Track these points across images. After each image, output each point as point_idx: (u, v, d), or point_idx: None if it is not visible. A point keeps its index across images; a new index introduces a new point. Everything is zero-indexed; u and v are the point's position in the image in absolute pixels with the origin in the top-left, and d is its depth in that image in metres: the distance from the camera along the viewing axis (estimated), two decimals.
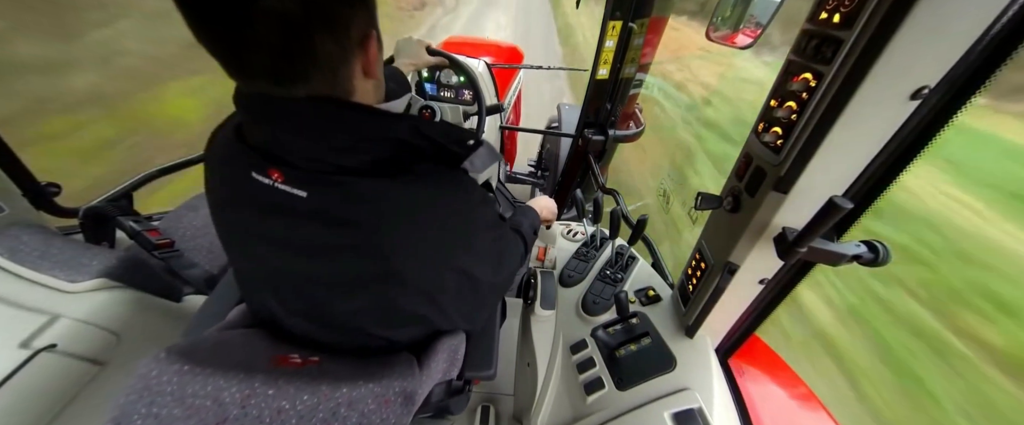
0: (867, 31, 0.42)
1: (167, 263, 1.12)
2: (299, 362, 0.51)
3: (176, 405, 0.43)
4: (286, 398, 0.45)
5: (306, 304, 0.54)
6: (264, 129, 0.47)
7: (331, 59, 0.42)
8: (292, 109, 0.43)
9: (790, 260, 0.59)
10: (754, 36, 0.91)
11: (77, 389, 0.81)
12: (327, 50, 0.41)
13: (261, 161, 0.46)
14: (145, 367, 0.45)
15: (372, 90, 0.50)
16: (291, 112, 0.44)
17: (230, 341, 0.54)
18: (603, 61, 1.41)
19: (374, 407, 0.48)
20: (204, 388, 0.44)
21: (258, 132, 0.48)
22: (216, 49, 0.39)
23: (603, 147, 1.65)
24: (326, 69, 0.43)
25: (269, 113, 0.45)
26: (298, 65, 0.41)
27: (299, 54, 0.40)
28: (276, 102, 0.43)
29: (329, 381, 0.48)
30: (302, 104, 0.43)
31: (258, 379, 0.46)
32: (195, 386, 0.44)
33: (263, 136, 0.47)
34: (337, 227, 0.46)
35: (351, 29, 0.43)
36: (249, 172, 0.47)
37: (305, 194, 0.45)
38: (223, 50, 0.40)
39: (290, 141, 0.46)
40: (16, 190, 1.00)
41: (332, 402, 0.46)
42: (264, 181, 0.46)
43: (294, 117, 0.44)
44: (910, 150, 0.50)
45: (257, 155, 0.47)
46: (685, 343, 0.84)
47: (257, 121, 0.47)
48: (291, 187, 0.45)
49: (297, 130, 0.45)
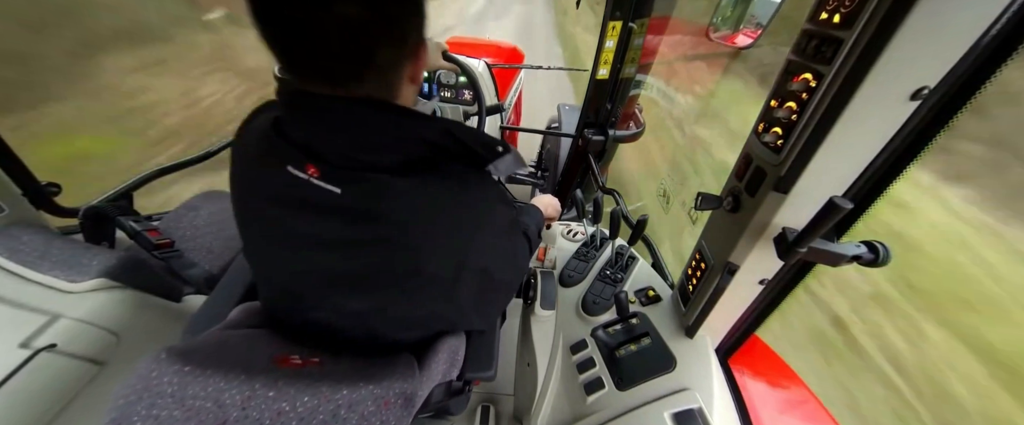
0: (867, 31, 0.42)
1: (167, 263, 1.12)
2: (299, 363, 0.51)
3: (176, 406, 0.43)
4: (286, 400, 0.45)
5: (325, 300, 0.55)
6: (305, 125, 0.48)
7: (388, 65, 0.45)
8: (337, 108, 0.45)
9: (790, 260, 0.59)
10: (754, 36, 0.91)
11: (77, 389, 0.81)
12: (386, 57, 0.44)
13: (299, 156, 0.47)
14: (145, 367, 0.45)
15: (412, 94, 0.53)
16: (336, 111, 0.45)
17: (230, 342, 0.54)
18: (603, 61, 1.41)
19: (374, 409, 0.48)
20: (204, 389, 0.44)
21: (298, 127, 0.49)
22: (281, 48, 0.41)
23: (603, 147, 1.65)
24: (381, 74, 0.45)
25: (314, 110, 0.46)
26: (357, 69, 0.43)
27: (360, 59, 0.42)
28: (322, 100, 0.45)
29: (329, 383, 0.48)
30: (348, 103, 0.45)
31: (258, 380, 0.46)
32: (195, 387, 0.44)
33: (304, 131, 0.48)
34: (368, 223, 0.47)
35: (409, 37, 0.45)
36: (285, 166, 0.48)
37: (339, 190, 0.46)
38: (288, 50, 0.42)
39: (330, 138, 0.47)
40: (16, 190, 1.00)
41: (332, 404, 0.46)
42: (300, 175, 0.47)
43: (338, 116, 0.45)
44: (910, 150, 0.50)
45: (295, 150, 0.48)
46: (685, 343, 0.84)
47: (299, 117, 0.48)
48: (326, 183, 0.46)
49: (339, 128, 0.46)
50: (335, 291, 0.53)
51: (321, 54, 0.41)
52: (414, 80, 0.50)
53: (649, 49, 1.45)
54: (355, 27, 0.39)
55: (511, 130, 2.28)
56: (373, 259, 0.49)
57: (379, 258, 0.49)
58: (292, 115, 0.49)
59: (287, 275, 0.56)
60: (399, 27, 0.43)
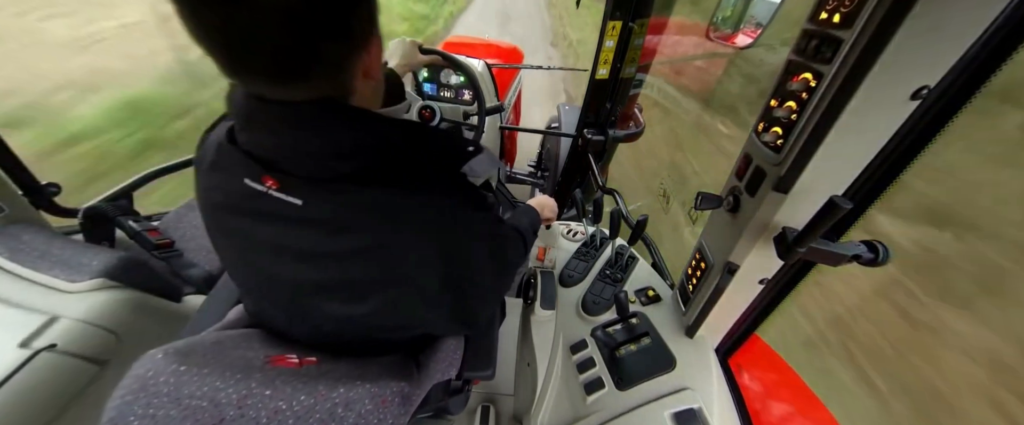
0: (867, 31, 0.42)
1: (167, 263, 1.12)
2: (296, 363, 0.51)
3: (173, 406, 0.42)
4: (283, 399, 0.45)
5: (303, 310, 0.54)
6: (257, 133, 0.45)
7: (333, 58, 0.41)
8: (288, 112, 0.42)
9: (790, 260, 0.59)
10: (754, 36, 0.91)
11: (77, 389, 0.81)
12: (329, 48, 0.40)
13: (254, 166, 0.45)
14: (141, 367, 0.44)
15: (371, 92, 0.49)
16: (286, 115, 0.42)
17: (227, 342, 0.54)
18: (603, 61, 1.41)
19: (371, 407, 0.48)
20: (200, 389, 0.44)
21: (251, 135, 0.46)
22: (211, 44, 0.37)
23: (603, 147, 1.65)
24: (327, 69, 0.41)
25: (263, 115, 0.43)
26: (298, 64, 0.39)
27: (300, 52, 0.38)
28: (271, 104, 0.42)
29: (326, 382, 0.48)
30: (299, 107, 0.42)
31: (255, 380, 0.45)
32: (191, 387, 0.44)
33: (256, 140, 0.46)
34: (335, 234, 0.45)
35: (354, 27, 0.41)
36: (242, 178, 0.45)
37: (301, 202, 0.44)
38: (218, 45, 0.38)
39: (284, 146, 0.44)
40: (16, 190, 1.00)
41: (329, 403, 0.46)
42: (257, 188, 0.45)
43: (289, 121, 0.42)
44: (910, 150, 0.50)
45: (250, 160, 0.45)
46: (685, 343, 0.84)
47: (250, 124, 0.45)
48: (286, 195, 0.44)
49: (293, 134, 0.43)
50: (315, 300, 0.51)
51: (255, 47, 0.37)
52: (368, 75, 0.46)
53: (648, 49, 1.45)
54: (289, 15, 0.36)
55: (510, 130, 2.29)
56: (349, 269, 0.47)
57: (354, 268, 0.47)
58: (242, 123, 0.46)
59: (266, 287, 0.54)
60: (342, 18, 0.39)
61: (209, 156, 0.50)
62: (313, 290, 0.50)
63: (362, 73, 0.45)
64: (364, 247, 0.46)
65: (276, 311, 0.56)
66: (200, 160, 0.52)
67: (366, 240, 0.45)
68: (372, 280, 0.48)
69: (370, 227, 0.45)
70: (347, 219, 0.45)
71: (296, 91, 0.41)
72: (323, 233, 0.45)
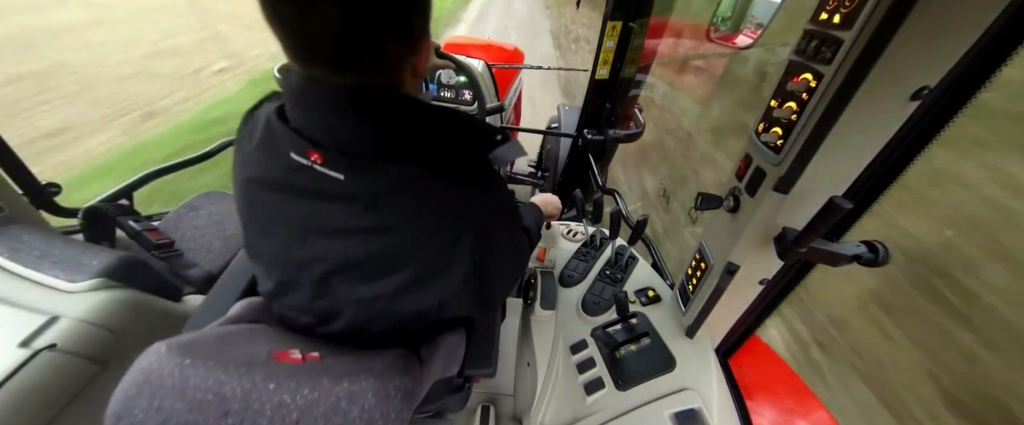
0: (867, 31, 0.42)
1: (167, 263, 1.12)
2: (300, 358, 0.51)
3: (178, 398, 0.42)
4: (287, 392, 0.45)
5: (329, 288, 0.55)
6: (310, 112, 0.48)
7: (389, 55, 0.45)
8: (341, 95, 0.45)
9: (790, 260, 0.60)
10: (755, 36, 0.91)
11: (77, 389, 0.81)
12: (388, 46, 0.44)
13: (301, 142, 0.48)
14: (146, 360, 0.45)
15: (414, 88, 0.53)
16: (341, 98, 0.46)
17: (231, 336, 0.54)
18: (603, 61, 1.41)
19: (375, 401, 0.48)
20: (205, 382, 0.44)
21: (303, 114, 0.49)
22: (282, 30, 0.42)
23: (603, 147, 1.65)
24: (382, 63, 0.45)
25: (317, 97, 0.47)
26: (358, 54, 0.43)
27: (361, 44, 0.42)
28: (325, 88, 0.45)
29: (330, 376, 0.48)
30: (351, 91, 0.45)
31: (259, 374, 0.46)
32: (196, 380, 0.44)
33: (307, 119, 0.49)
34: (371, 211, 0.48)
35: (411, 26, 0.45)
36: (288, 152, 0.48)
37: (342, 176, 0.47)
38: (289, 31, 0.42)
39: (333, 125, 0.47)
40: (16, 190, 1.00)
41: (333, 396, 0.46)
42: (303, 162, 0.48)
43: (342, 102, 0.46)
44: (910, 150, 0.50)
45: (298, 136, 0.48)
46: (685, 343, 0.84)
47: (304, 103, 0.49)
48: (329, 169, 0.47)
49: (343, 115, 0.46)
50: (340, 279, 0.53)
51: (321, 37, 0.41)
52: (416, 74, 0.51)
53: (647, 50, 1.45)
54: (358, 13, 0.40)
55: (511, 130, 2.29)
56: (377, 248, 0.50)
57: (383, 247, 0.49)
58: (295, 102, 0.50)
59: (290, 264, 0.56)
60: (402, 16, 0.44)
61: (257, 132, 0.53)
62: (342, 267, 0.52)
63: (411, 70, 0.49)
64: (397, 224, 0.48)
65: (299, 292, 0.57)
66: (246, 136, 0.55)
67: (400, 217, 0.48)
68: (402, 256, 0.50)
69: (405, 204, 0.48)
70: (384, 195, 0.47)
71: (350, 78, 0.45)
72: (360, 208, 0.48)
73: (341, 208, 0.48)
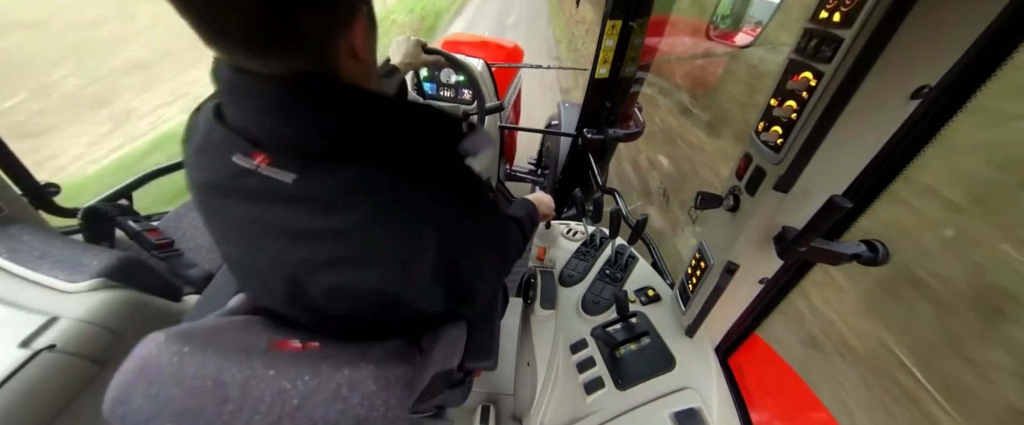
0: (867, 30, 0.41)
1: (167, 263, 1.12)
2: (299, 346, 0.51)
3: (176, 386, 0.42)
4: (287, 379, 0.45)
5: (302, 289, 0.53)
6: (243, 108, 0.44)
7: (312, 32, 0.39)
8: (272, 86, 0.40)
9: (790, 259, 0.60)
10: (754, 35, 0.91)
11: (77, 389, 0.81)
12: (308, 21, 0.38)
13: (244, 143, 0.44)
14: (144, 348, 0.44)
15: (362, 75, 0.48)
16: (272, 89, 0.41)
17: (229, 326, 0.53)
18: (603, 60, 1.41)
19: (375, 388, 0.47)
20: (204, 369, 0.43)
21: (237, 111, 0.45)
22: (188, 10, 0.36)
23: (603, 146, 1.64)
24: (307, 43, 0.40)
25: (247, 90, 0.42)
26: (275, 35, 0.38)
27: (277, 22, 0.37)
28: (252, 77, 0.41)
29: (330, 363, 0.47)
30: (284, 81, 0.40)
31: (258, 361, 0.45)
32: (195, 367, 0.43)
33: (243, 116, 0.44)
34: (327, 212, 0.45)
35: (337, 2, 0.40)
36: (230, 155, 0.44)
37: (291, 179, 0.43)
38: (195, 10, 0.36)
39: (272, 121, 0.43)
40: (16, 190, 1.00)
41: (333, 383, 0.46)
42: (246, 165, 0.44)
43: (275, 95, 0.41)
44: (910, 149, 0.50)
45: (239, 137, 0.44)
46: (685, 343, 0.84)
47: (235, 98, 0.44)
48: (277, 172, 0.43)
49: (277, 110, 0.42)
50: (314, 279, 0.50)
51: (230, 14, 0.36)
52: (357, 57, 0.45)
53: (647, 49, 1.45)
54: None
55: (510, 129, 2.28)
56: (341, 250, 0.47)
57: (346, 249, 0.46)
58: (228, 97, 0.45)
59: (256, 268, 0.54)
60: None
61: (198, 135, 0.49)
62: (309, 270, 0.49)
63: (348, 52, 0.44)
64: (354, 226, 0.45)
65: (274, 295, 0.55)
66: (189, 140, 0.51)
67: (356, 219, 0.44)
68: (365, 260, 0.47)
69: (360, 206, 0.44)
70: (338, 197, 0.44)
71: (275, 64, 0.40)
72: (316, 210, 0.44)
73: (296, 211, 0.45)
